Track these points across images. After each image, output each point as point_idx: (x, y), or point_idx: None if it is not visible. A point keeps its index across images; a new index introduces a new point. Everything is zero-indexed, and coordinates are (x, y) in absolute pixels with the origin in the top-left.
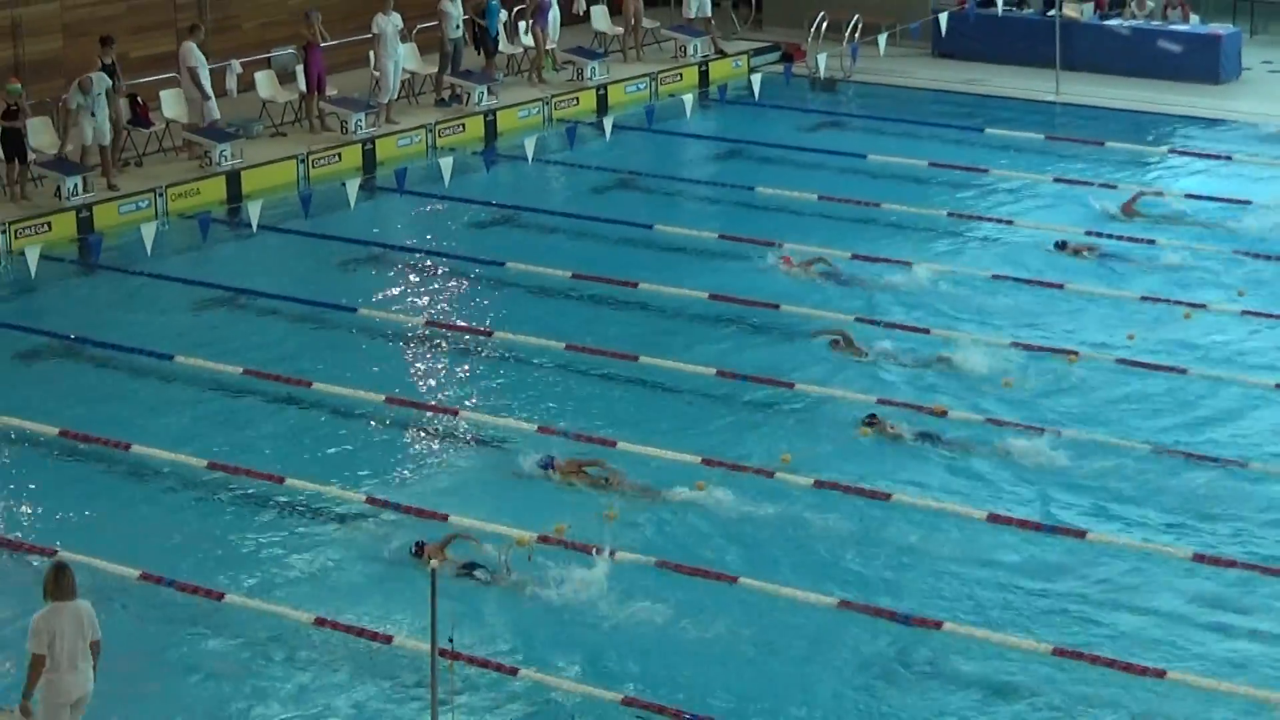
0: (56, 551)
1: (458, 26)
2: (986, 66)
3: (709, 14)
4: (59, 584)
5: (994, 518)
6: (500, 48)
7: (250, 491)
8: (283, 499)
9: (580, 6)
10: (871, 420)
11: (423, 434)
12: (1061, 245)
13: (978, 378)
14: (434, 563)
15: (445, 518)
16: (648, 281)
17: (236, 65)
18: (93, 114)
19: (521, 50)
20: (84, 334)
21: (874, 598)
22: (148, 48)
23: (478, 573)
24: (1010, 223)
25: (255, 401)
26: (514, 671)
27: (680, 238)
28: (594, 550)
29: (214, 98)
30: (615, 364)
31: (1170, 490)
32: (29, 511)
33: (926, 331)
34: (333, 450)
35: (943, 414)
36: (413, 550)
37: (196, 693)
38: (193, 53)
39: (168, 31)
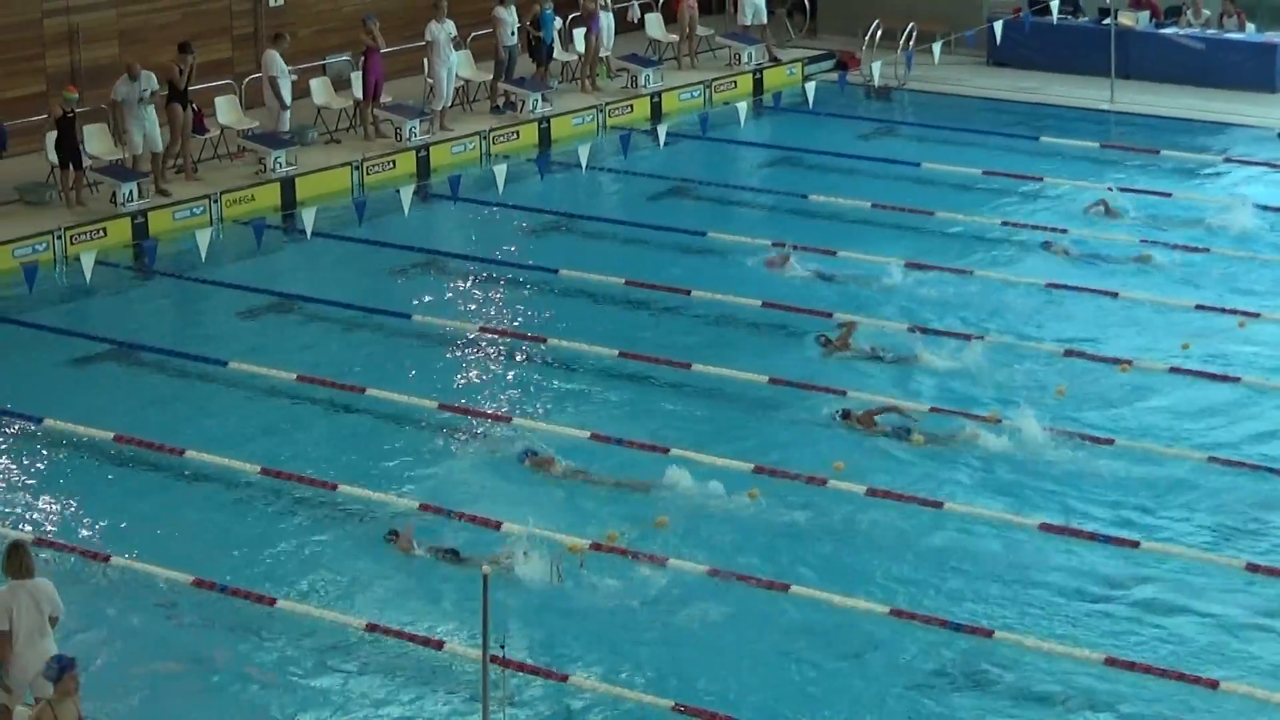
0: (110, 557)
1: (512, 34)
2: (1041, 75)
3: (764, 21)
4: (14, 562)
5: (1046, 527)
6: (554, 55)
7: (303, 497)
8: (335, 505)
9: (635, 14)
10: (846, 414)
11: (475, 440)
12: (1046, 245)
13: (1031, 386)
14: (486, 568)
15: (498, 525)
16: (701, 289)
17: (291, 72)
18: (141, 105)
19: (576, 57)
20: (138, 339)
21: (925, 605)
22: (203, 54)
23: (460, 556)
24: (1065, 231)
25: (308, 407)
26: (564, 678)
27: (734, 245)
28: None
29: (289, 108)
30: (668, 371)
31: (1224, 500)
32: (83, 516)
33: (982, 339)
34: (385, 457)
35: (997, 422)
36: (387, 536)
37: (248, 699)
38: (275, 61)
39: (223, 39)
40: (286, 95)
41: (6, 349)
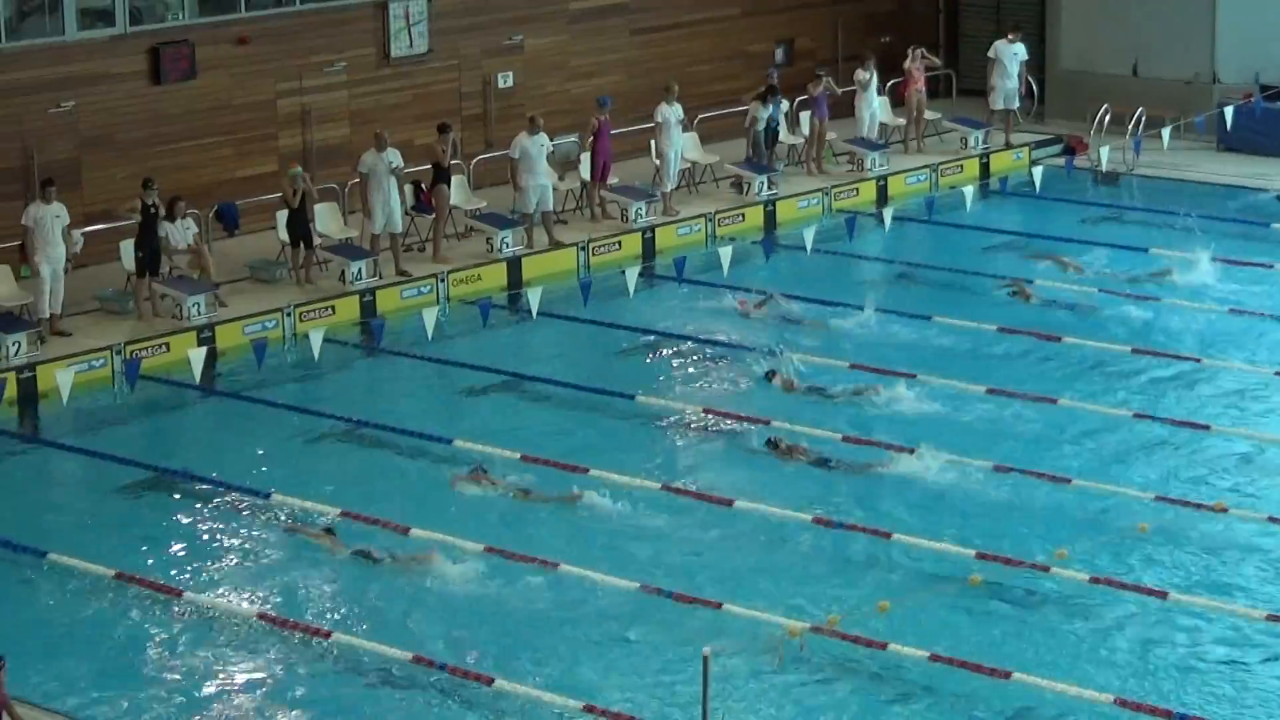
0: (331, 633)
1: (763, 122)
2: (1272, 160)
3: (1015, 107)
4: None
5: (1273, 618)
6: (780, 138)
7: (527, 576)
8: (557, 584)
9: (858, 84)
10: (774, 442)
11: (699, 522)
12: (1014, 292)
13: (1262, 476)
14: (706, 650)
15: (719, 605)
16: (925, 374)
17: (515, 152)
18: (387, 177)
19: (801, 140)
20: (365, 417)
21: (1148, 695)
22: (433, 135)
23: (374, 553)
24: None
25: (532, 486)
26: None
27: (958, 330)
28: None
29: (527, 190)
30: (889, 456)
31: None
32: (308, 590)
33: (1206, 428)
34: (608, 536)
35: (1223, 511)
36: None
37: None
38: (518, 144)
39: (452, 120)
40: (526, 178)
41: (236, 424)
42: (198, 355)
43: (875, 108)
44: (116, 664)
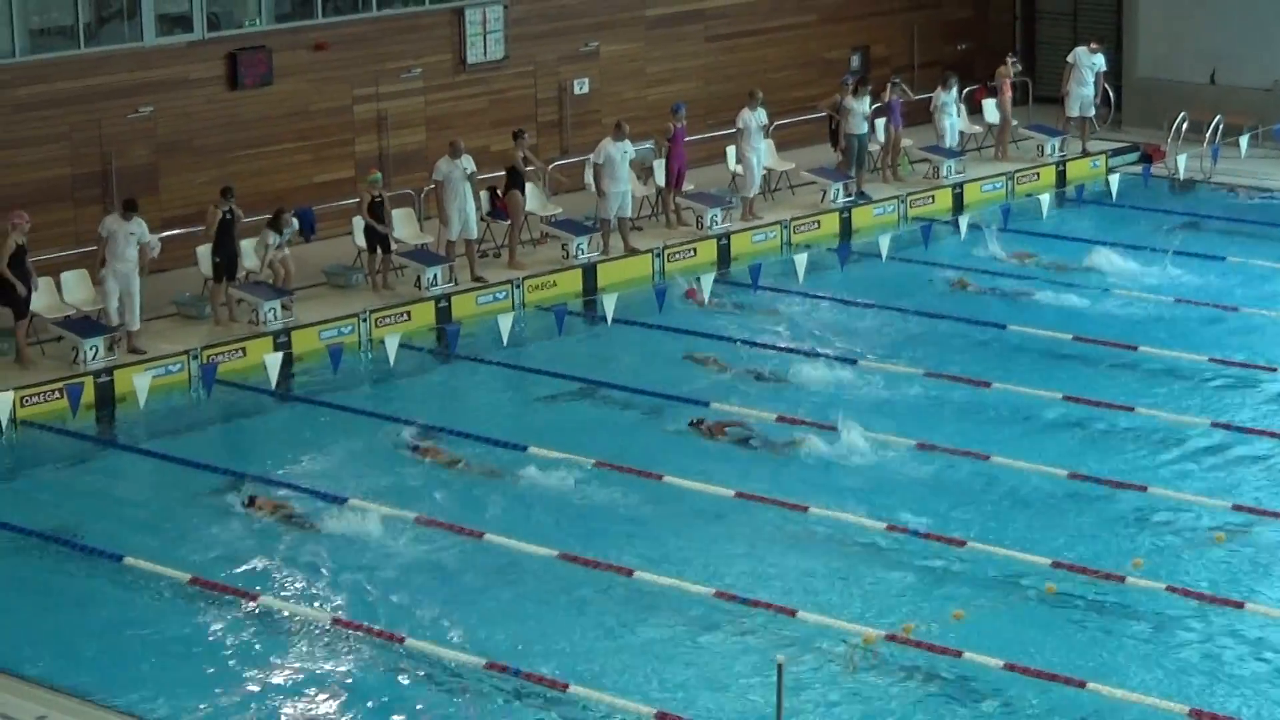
0: (405, 639)
1: (863, 122)
2: None
3: (1091, 115)
4: None
5: None
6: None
7: (599, 582)
8: (625, 590)
9: (937, 104)
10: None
11: (773, 527)
12: (958, 283)
13: None
14: (780, 658)
15: (793, 613)
16: (1000, 381)
17: (599, 158)
18: (462, 183)
19: (878, 147)
20: (439, 423)
21: (1226, 707)
22: (506, 142)
23: (295, 517)
24: None
25: (606, 492)
26: None
27: (1034, 338)
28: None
29: (609, 197)
30: (965, 462)
31: None
32: (379, 595)
33: (1276, 435)
34: (684, 544)
35: None
36: (244, 502)
37: None
38: (603, 150)
39: (528, 125)
40: (607, 184)
41: (311, 430)
42: (274, 360)
43: (955, 120)
44: (193, 669)
